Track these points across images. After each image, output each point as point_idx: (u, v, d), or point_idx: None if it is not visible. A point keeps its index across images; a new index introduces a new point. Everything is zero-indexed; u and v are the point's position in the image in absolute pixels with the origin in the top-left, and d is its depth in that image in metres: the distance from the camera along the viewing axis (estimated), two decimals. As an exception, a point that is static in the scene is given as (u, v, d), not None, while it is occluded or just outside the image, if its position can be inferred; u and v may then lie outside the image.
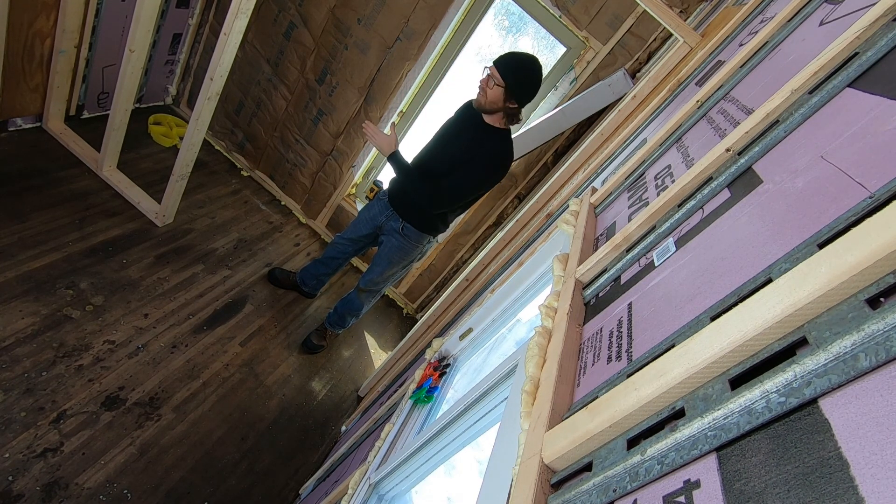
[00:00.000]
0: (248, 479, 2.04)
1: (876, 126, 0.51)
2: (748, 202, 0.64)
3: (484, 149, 1.97)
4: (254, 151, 3.40)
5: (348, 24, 2.74)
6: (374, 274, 2.37)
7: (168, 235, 2.62)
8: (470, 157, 1.96)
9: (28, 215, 2.22)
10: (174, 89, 3.42)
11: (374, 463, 1.39)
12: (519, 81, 1.86)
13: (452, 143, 2.03)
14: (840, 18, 0.81)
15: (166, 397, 2.05)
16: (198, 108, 2.16)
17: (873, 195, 0.43)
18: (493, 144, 1.98)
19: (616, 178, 1.26)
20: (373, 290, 2.46)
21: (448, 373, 1.58)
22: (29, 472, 1.61)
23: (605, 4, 2.45)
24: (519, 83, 1.87)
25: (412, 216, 2.19)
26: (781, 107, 0.71)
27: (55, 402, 1.79)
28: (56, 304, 2.02)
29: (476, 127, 1.99)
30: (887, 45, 0.58)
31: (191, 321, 2.35)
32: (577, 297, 0.89)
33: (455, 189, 2.01)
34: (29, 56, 2.31)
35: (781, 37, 1.02)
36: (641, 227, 0.86)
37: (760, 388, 0.37)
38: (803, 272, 0.39)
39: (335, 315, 2.63)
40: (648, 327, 0.63)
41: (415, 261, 2.41)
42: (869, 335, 0.32)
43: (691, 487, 0.39)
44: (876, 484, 0.27)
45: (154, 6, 2.08)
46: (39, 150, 2.50)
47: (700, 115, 1.10)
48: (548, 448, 0.55)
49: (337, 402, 2.60)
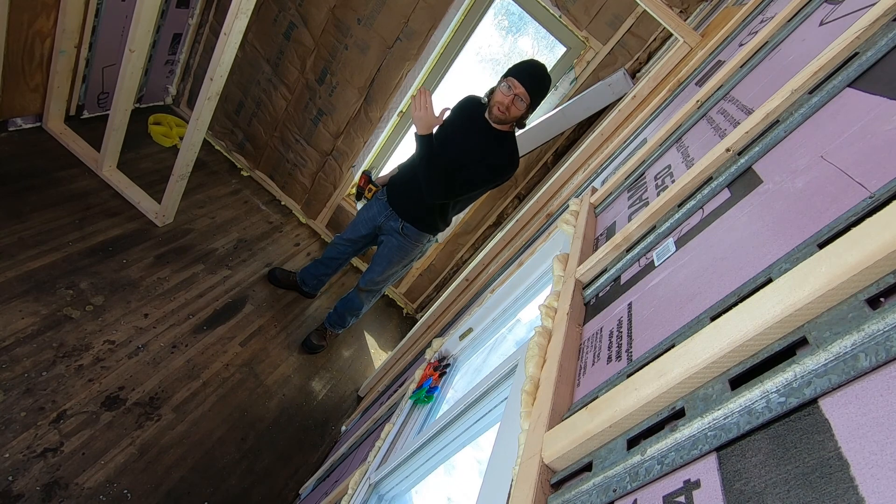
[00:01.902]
0: (248, 478, 2.04)
1: (876, 126, 0.51)
2: (748, 202, 0.64)
3: (498, 152, 1.96)
4: (254, 151, 3.40)
5: (348, 24, 2.74)
6: (375, 274, 2.37)
7: (168, 235, 2.62)
8: (482, 157, 1.95)
9: (28, 215, 2.22)
10: (174, 89, 3.42)
11: (374, 463, 1.39)
12: (541, 96, 1.87)
13: (460, 144, 1.98)
14: (840, 18, 0.81)
15: (166, 397, 2.05)
16: (198, 108, 2.16)
17: (873, 195, 0.43)
18: (506, 147, 1.98)
19: (616, 178, 1.26)
20: (373, 289, 2.46)
21: (448, 373, 1.58)
22: (29, 472, 1.61)
23: (606, 4, 2.45)
24: (541, 97, 1.87)
25: (412, 215, 2.19)
26: (781, 107, 0.71)
27: (55, 402, 1.79)
28: (56, 304, 2.02)
29: (484, 130, 1.97)
30: (887, 45, 0.58)
31: (191, 321, 2.35)
32: (577, 297, 0.89)
33: (468, 184, 1.99)
34: (29, 56, 2.31)
35: (781, 37, 1.02)
36: (641, 227, 0.86)
37: (760, 388, 0.37)
38: (803, 272, 0.39)
39: (335, 315, 2.63)
40: (648, 327, 0.63)
41: (415, 260, 2.41)
42: (869, 335, 0.32)
43: (691, 487, 0.39)
44: (876, 484, 0.27)
45: (154, 6, 2.08)
46: (39, 150, 2.50)
47: (700, 115, 1.10)
48: (548, 448, 0.55)
49: (337, 402, 2.60)
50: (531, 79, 1.83)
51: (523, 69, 1.85)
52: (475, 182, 1.99)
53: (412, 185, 2.10)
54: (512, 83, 1.83)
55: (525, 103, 1.85)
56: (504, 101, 1.85)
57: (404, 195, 2.17)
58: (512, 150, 2.00)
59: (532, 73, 1.84)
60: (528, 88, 1.82)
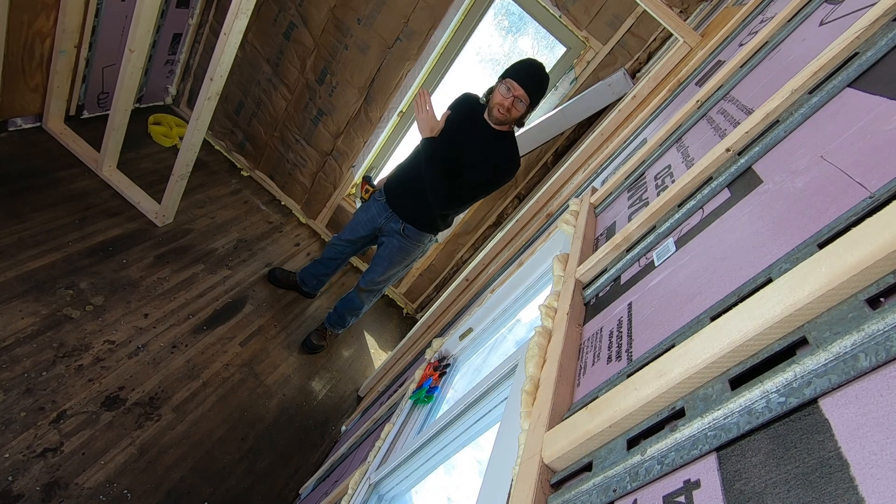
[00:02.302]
0: (248, 479, 2.04)
1: (876, 126, 0.51)
2: (748, 202, 0.64)
3: (500, 153, 1.96)
4: (254, 151, 3.40)
5: (348, 24, 2.74)
6: (376, 274, 2.37)
7: (168, 235, 2.62)
8: (484, 158, 1.94)
9: (28, 215, 2.22)
10: (174, 89, 3.42)
11: (374, 463, 1.39)
12: (541, 96, 1.86)
13: (462, 146, 1.96)
14: (840, 18, 0.81)
15: (166, 397, 2.05)
16: (198, 108, 2.16)
17: (873, 195, 0.43)
18: (508, 148, 1.98)
19: (616, 178, 1.26)
20: (373, 289, 2.46)
21: (448, 373, 1.58)
22: (29, 472, 1.61)
23: (606, 4, 2.45)
24: (540, 97, 1.87)
25: (412, 216, 2.18)
26: (781, 107, 0.71)
27: (55, 402, 1.79)
28: (56, 304, 2.02)
29: (485, 131, 1.96)
30: (887, 45, 0.58)
31: (191, 321, 2.35)
32: (577, 297, 0.89)
33: (472, 187, 1.98)
34: (29, 56, 2.31)
35: (781, 37, 1.02)
36: (641, 227, 0.86)
37: (760, 388, 0.37)
38: (803, 272, 0.39)
39: (335, 315, 2.63)
40: (648, 327, 0.63)
41: (416, 259, 2.41)
42: (869, 335, 0.32)
43: (691, 487, 0.39)
44: (876, 484, 0.27)
45: (154, 6, 2.08)
46: (39, 150, 2.50)
47: (700, 115, 1.10)
48: (548, 448, 0.55)
49: (337, 402, 2.60)
50: (530, 79, 1.82)
51: (522, 70, 1.84)
52: (479, 183, 1.98)
53: (412, 185, 2.09)
54: (511, 85, 1.82)
55: (525, 104, 1.84)
56: (504, 103, 1.84)
57: (404, 195, 2.16)
58: (513, 150, 2.00)
59: (531, 73, 1.83)
60: (528, 89, 1.81)
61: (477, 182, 1.97)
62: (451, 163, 1.96)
